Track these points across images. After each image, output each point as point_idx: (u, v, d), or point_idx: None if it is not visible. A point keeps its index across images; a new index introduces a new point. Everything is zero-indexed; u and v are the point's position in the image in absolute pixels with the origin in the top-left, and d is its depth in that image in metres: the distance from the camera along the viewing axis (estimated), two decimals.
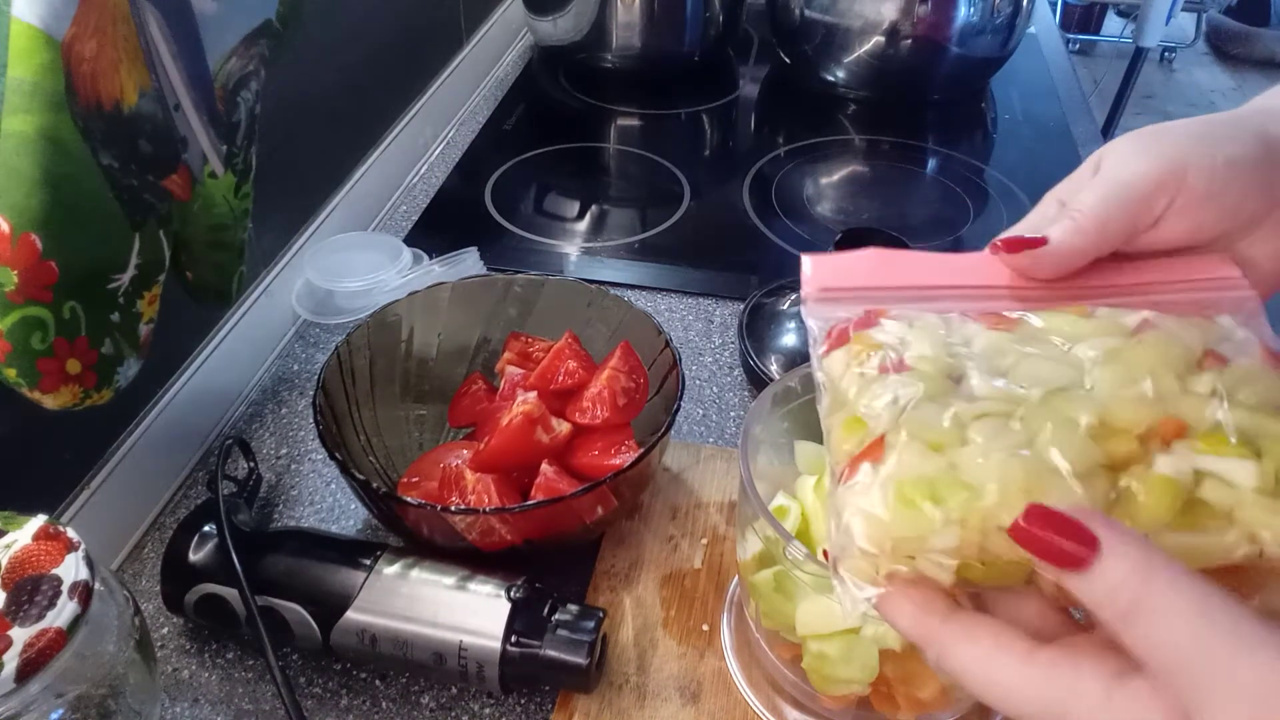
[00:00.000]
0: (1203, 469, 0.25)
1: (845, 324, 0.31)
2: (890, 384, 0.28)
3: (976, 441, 0.26)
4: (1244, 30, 3.55)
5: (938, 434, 0.27)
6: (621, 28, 1.06)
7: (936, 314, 0.31)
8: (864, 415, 0.28)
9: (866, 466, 0.27)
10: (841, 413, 0.29)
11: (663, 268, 0.80)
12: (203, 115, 0.45)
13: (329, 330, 0.72)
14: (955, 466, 0.26)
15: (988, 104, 1.10)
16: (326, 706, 0.48)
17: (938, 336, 0.30)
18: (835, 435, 0.29)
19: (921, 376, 0.28)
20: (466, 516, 0.46)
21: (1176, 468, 0.25)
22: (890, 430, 0.27)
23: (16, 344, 0.38)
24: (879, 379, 0.29)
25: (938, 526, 0.25)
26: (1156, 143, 0.31)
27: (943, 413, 0.27)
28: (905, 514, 0.26)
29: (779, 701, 0.47)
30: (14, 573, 0.35)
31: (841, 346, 0.31)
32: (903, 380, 0.28)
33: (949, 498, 0.25)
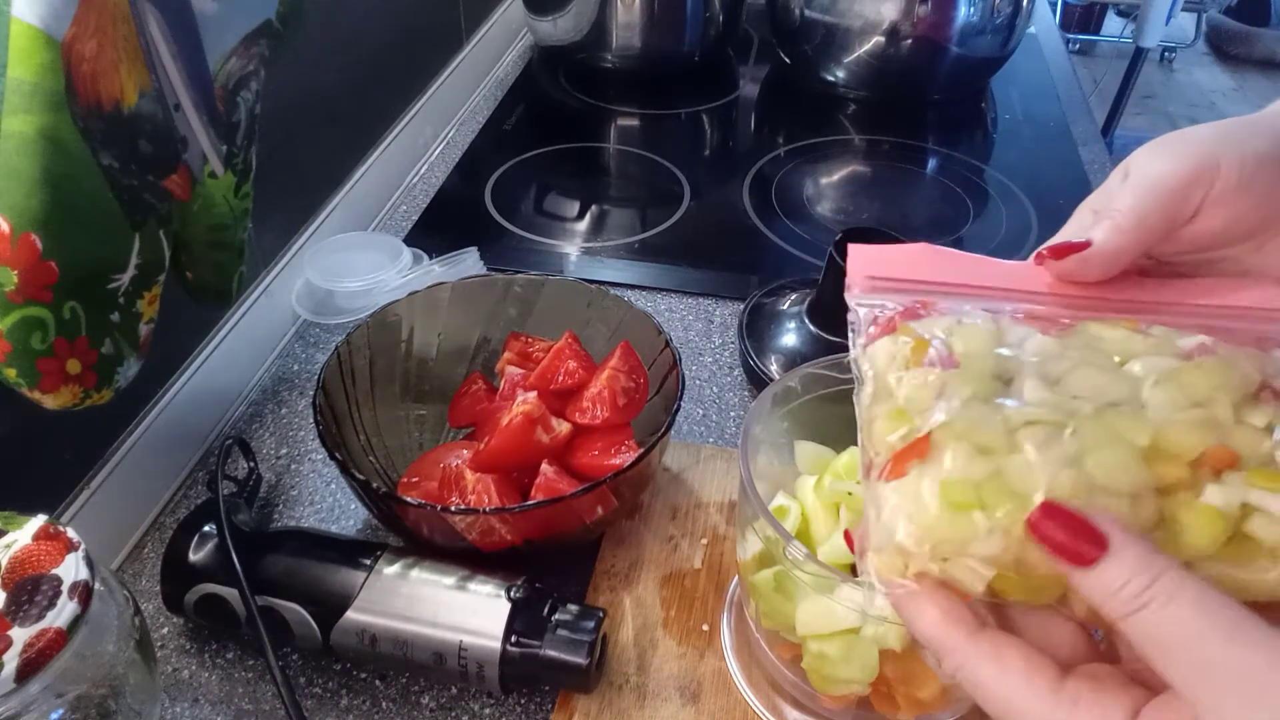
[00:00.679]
0: (1252, 503, 0.25)
1: (892, 313, 0.31)
2: (938, 380, 0.28)
3: (1026, 449, 0.26)
4: (1244, 30, 3.55)
5: (987, 437, 0.26)
6: (621, 28, 1.06)
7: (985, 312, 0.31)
8: (910, 410, 0.28)
9: (914, 464, 0.27)
10: (886, 404, 0.29)
11: (663, 268, 0.80)
12: (203, 115, 0.45)
13: (329, 330, 0.72)
14: (1003, 473, 0.26)
15: (988, 104, 1.10)
16: (326, 706, 0.48)
17: (987, 333, 0.30)
18: (878, 426, 0.28)
19: (971, 375, 0.28)
20: (466, 516, 0.46)
21: (1226, 499, 0.25)
22: (938, 429, 0.27)
23: (16, 344, 0.38)
24: (926, 373, 0.28)
25: (981, 533, 0.25)
26: (1182, 144, 0.32)
27: (993, 415, 0.27)
28: (950, 517, 0.25)
29: (779, 701, 0.47)
30: (14, 573, 0.35)
31: (887, 335, 0.30)
32: (952, 377, 0.28)
33: (996, 505, 0.25)
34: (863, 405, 0.30)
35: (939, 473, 0.26)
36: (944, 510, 0.26)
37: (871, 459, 0.28)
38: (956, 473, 0.26)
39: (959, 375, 0.28)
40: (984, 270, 0.33)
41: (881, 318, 0.31)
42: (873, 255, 0.33)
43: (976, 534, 0.25)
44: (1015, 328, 0.30)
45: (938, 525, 0.26)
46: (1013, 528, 0.25)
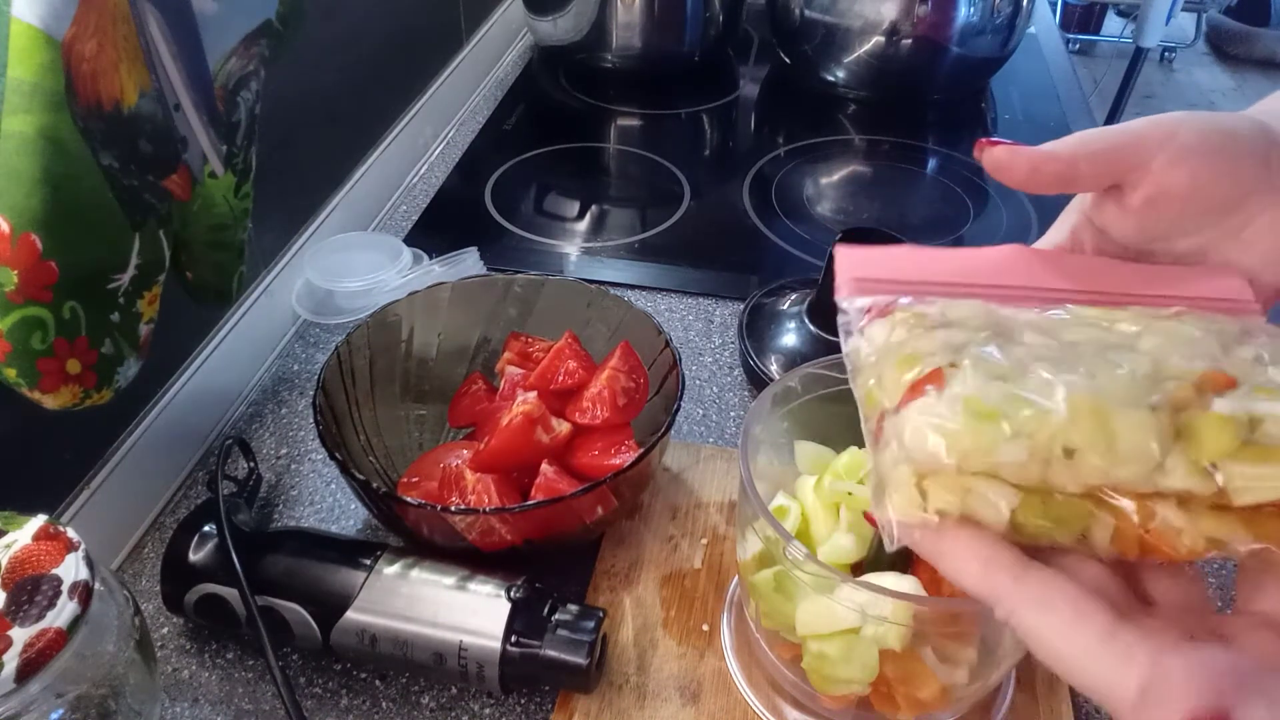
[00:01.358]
0: (1259, 413, 0.26)
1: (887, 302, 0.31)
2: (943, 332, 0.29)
3: (1040, 373, 0.27)
4: (1244, 30, 3.55)
5: (1000, 368, 0.27)
6: (621, 28, 1.06)
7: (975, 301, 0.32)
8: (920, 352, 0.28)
9: (931, 388, 0.27)
10: (892, 356, 0.29)
11: (663, 268, 0.80)
12: (203, 115, 0.45)
13: (329, 330, 0.72)
14: (1021, 391, 0.26)
15: (988, 104, 1.10)
16: (326, 706, 0.48)
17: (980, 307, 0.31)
18: (889, 374, 0.29)
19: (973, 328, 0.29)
20: (466, 516, 0.46)
21: (1233, 408, 0.26)
22: (949, 365, 0.27)
23: (16, 344, 0.38)
24: (931, 327, 0.29)
25: (1007, 437, 0.25)
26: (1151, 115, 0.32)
27: (1000, 353, 0.27)
28: (975, 425, 0.26)
29: (779, 701, 0.47)
30: (14, 573, 0.35)
31: (884, 317, 0.31)
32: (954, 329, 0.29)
33: (1019, 411, 0.25)
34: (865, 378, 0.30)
35: (960, 389, 0.26)
36: (968, 420, 0.26)
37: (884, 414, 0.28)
38: (976, 389, 0.26)
39: (961, 328, 0.29)
40: (970, 266, 0.34)
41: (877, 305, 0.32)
42: (859, 258, 0.34)
43: (1004, 438, 0.25)
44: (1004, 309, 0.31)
45: (964, 434, 0.26)
46: (1037, 433, 0.25)
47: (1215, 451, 0.25)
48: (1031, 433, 0.25)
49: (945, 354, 0.28)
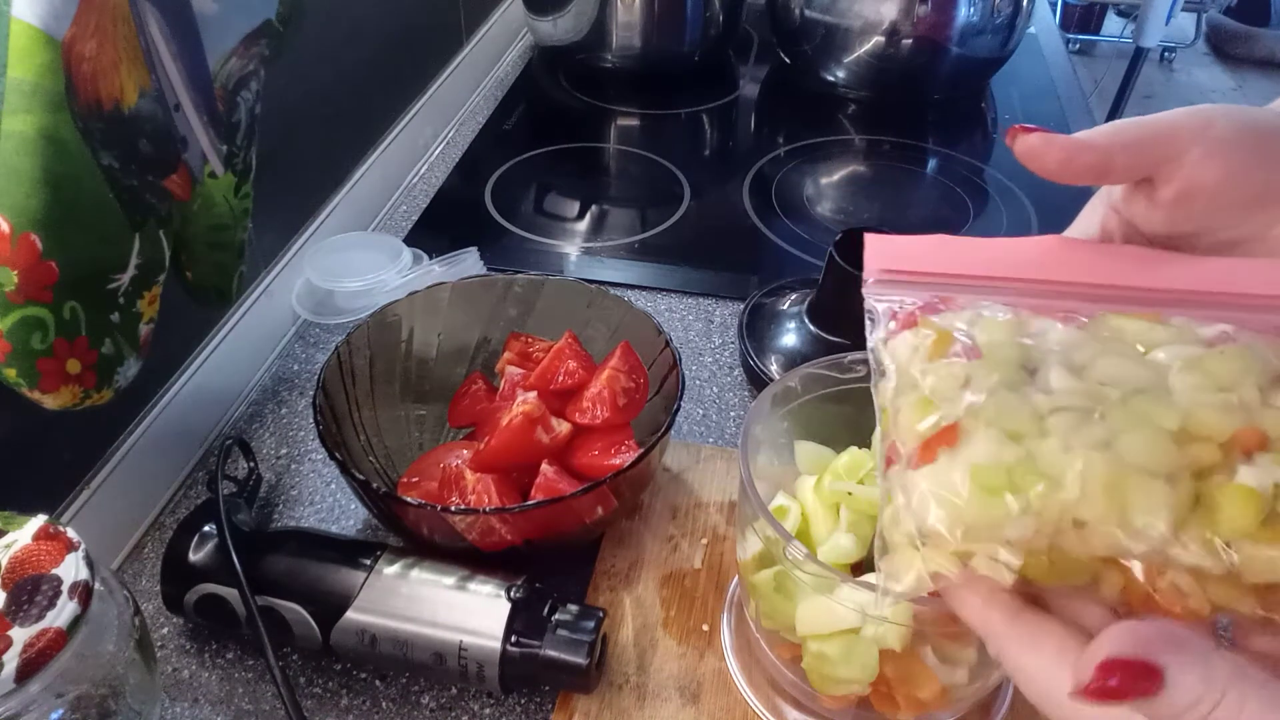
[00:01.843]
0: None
1: (912, 308, 0.31)
2: (964, 369, 0.28)
3: (1057, 434, 0.26)
4: (1244, 30, 3.55)
5: (1016, 423, 0.26)
6: (621, 28, 1.06)
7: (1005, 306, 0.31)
8: (937, 399, 0.28)
9: (943, 450, 0.27)
10: (911, 395, 0.29)
11: (663, 268, 0.80)
12: (203, 115, 0.45)
13: (329, 330, 0.72)
14: (1034, 456, 0.26)
15: (988, 104, 1.10)
16: (326, 706, 0.48)
17: (1009, 325, 0.30)
18: (905, 416, 0.28)
19: (997, 363, 0.28)
20: (466, 516, 0.46)
21: (1260, 479, 0.25)
22: (967, 415, 0.27)
23: (16, 344, 0.38)
24: (951, 363, 0.28)
25: (1014, 515, 0.25)
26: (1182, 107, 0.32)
27: (1021, 402, 0.27)
28: (982, 500, 0.25)
29: (779, 701, 0.47)
30: (14, 573, 0.35)
31: (908, 330, 0.30)
32: (977, 367, 0.28)
33: (1028, 487, 0.25)
34: (885, 396, 0.30)
35: (970, 457, 0.26)
36: (976, 494, 0.25)
37: (897, 448, 0.28)
38: (987, 457, 0.26)
39: (984, 364, 0.28)
40: (1003, 257, 0.33)
41: (901, 313, 0.31)
42: (888, 246, 0.33)
43: (1009, 517, 0.25)
44: (1036, 320, 0.30)
45: (969, 509, 0.25)
46: (1046, 510, 0.25)
47: (1233, 530, 0.25)
48: (1040, 510, 0.25)
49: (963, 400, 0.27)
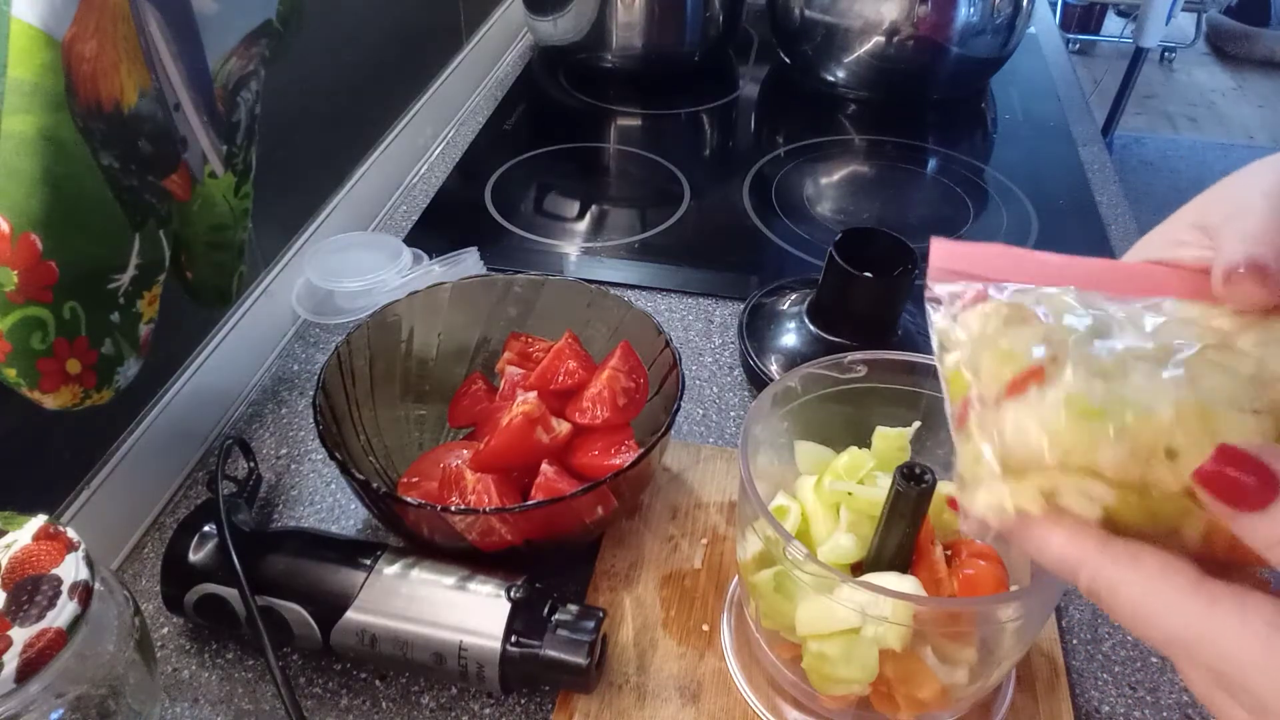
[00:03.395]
0: None
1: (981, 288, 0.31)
2: (1042, 328, 0.29)
3: (1141, 374, 0.26)
4: (1244, 30, 3.55)
5: (1100, 364, 0.27)
6: (621, 28, 1.06)
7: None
8: (1019, 349, 0.28)
9: (1033, 385, 0.27)
10: (989, 348, 0.29)
11: (663, 268, 0.80)
12: (203, 115, 0.45)
13: (329, 330, 0.72)
14: (1124, 391, 0.26)
15: (988, 104, 1.10)
16: (326, 706, 0.48)
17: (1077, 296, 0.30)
18: (988, 366, 0.29)
19: (1070, 326, 0.29)
20: (466, 516, 0.46)
21: None
22: (1050, 360, 0.27)
23: (17, 344, 0.38)
24: (1029, 322, 0.29)
25: (1110, 438, 0.25)
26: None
27: (1102, 347, 0.27)
28: (1079, 424, 0.26)
29: (779, 701, 0.47)
30: (14, 573, 0.35)
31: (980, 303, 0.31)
32: (1053, 327, 0.29)
33: (1121, 413, 0.25)
34: (955, 362, 0.30)
35: (1062, 388, 0.26)
36: (1071, 419, 0.26)
37: (973, 401, 0.29)
38: (1079, 388, 0.26)
39: (1059, 326, 0.29)
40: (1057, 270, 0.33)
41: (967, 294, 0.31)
42: (952, 248, 0.33)
43: (1105, 439, 0.25)
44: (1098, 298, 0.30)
45: (1066, 433, 0.26)
46: (1141, 434, 0.25)
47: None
48: (1135, 434, 0.25)
49: (1046, 349, 0.28)
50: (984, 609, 0.41)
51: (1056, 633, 0.51)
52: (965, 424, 0.29)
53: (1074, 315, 0.29)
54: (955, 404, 0.30)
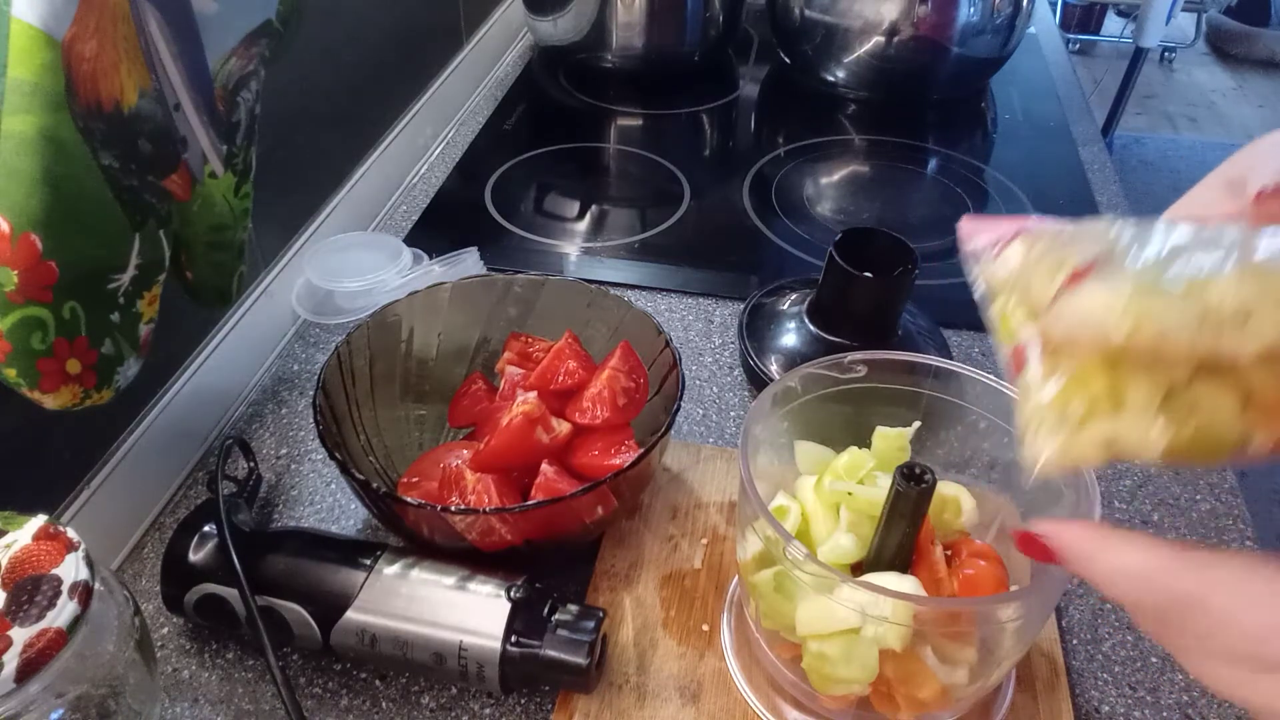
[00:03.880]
0: None
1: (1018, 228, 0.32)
2: (1087, 236, 0.29)
3: (1199, 253, 0.26)
4: (1244, 30, 3.55)
5: (1157, 253, 0.27)
6: (621, 28, 1.06)
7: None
8: (1067, 257, 0.28)
9: (1091, 275, 0.27)
10: (1037, 266, 0.29)
11: (663, 268, 0.80)
12: (203, 115, 0.45)
13: (329, 330, 0.72)
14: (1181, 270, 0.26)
15: (988, 104, 1.10)
16: (326, 706, 0.48)
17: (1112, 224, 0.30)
18: (1038, 279, 0.29)
19: (1116, 234, 0.29)
20: (466, 516, 0.46)
21: None
22: (1105, 257, 0.28)
23: (17, 344, 0.38)
24: (1073, 238, 0.29)
25: (1179, 298, 0.25)
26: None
27: (1153, 245, 0.27)
28: (1144, 295, 0.26)
29: (779, 701, 0.47)
30: (14, 573, 0.35)
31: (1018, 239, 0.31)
32: (1099, 234, 0.29)
33: (1188, 277, 0.26)
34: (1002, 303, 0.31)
35: (1122, 270, 0.27)
36: (1136, 291, 0.26)
37: (1034, 304, 0.29)
38: (1140, 267, 0.26)
39: (1104, 236, 0.29)
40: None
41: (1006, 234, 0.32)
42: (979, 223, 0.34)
43: (1173, 306, 0.25)
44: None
45: (1132, 304, 0.26)
46: (1207, 293, 0.25)
47: None
48: (1201, 294, 0.25)
49: (1097, 250, 0.28)
50: (984, 609, 0.41)
51: (1056, 633, 0.51)
52: (1021, 371, 0.29)
53: (1115, 229, 0.29)
54: (1006, 349, 0.30)
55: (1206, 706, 0.48)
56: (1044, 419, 0.28)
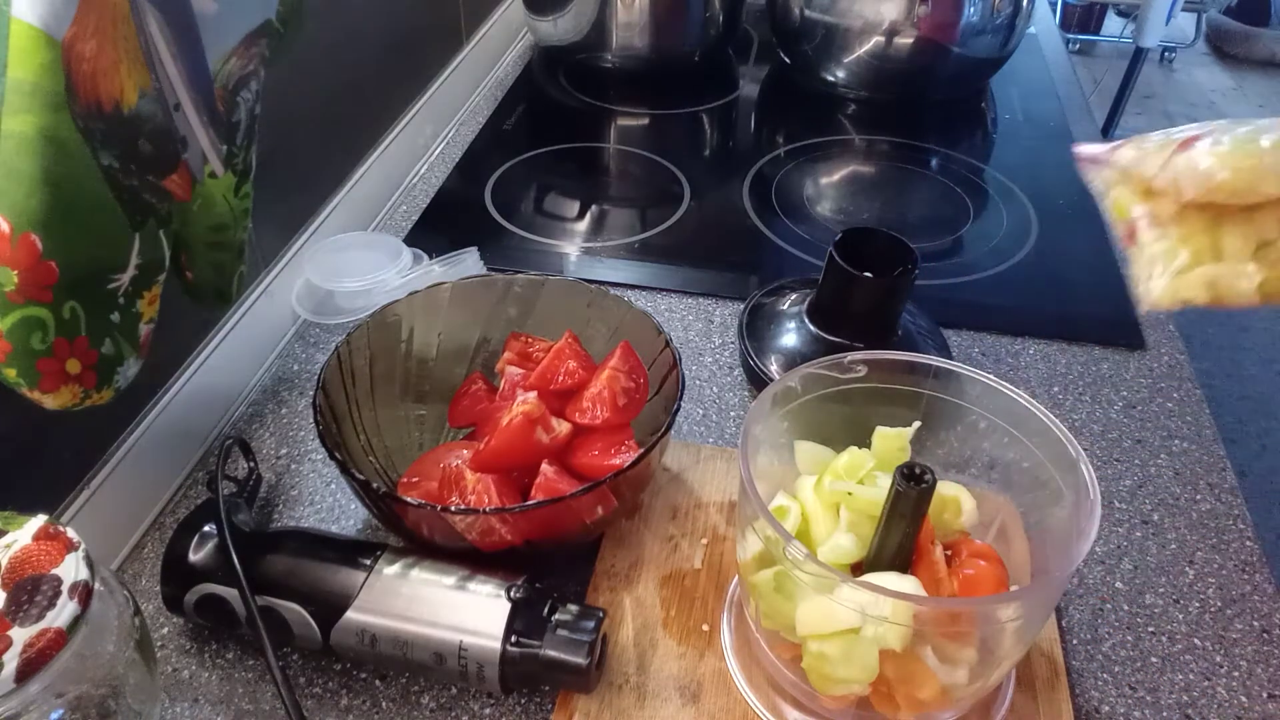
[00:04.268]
0: None
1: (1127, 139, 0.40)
2: (1193, 125, 0.37)
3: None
4: (1244, 30, 3.55)
5: (1255, 126, 0.34)
6: (621, 28, 1.06)
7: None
8: (1174, 135, 0.36)
9: (1198, 140, 0.35)
10: (1149, 150, 0.37)
11: (663, 268, 0.80)
12: (203, 115, 0.45)
13: (329, 330, 0.72)
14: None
15: (988, 104, 1.10)
16: (326, 706, 0.48)
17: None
18: (1151, 158, 0.37)
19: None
20: (466, 516, 0.46)
21: None
22: (1208, 132, 0.35)
23: (17, 344, 0.38)
24: (1177, 132, 0.37)
25: (1270, 155, 0.33)
26: None
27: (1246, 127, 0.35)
28: (1244, 144, 0.33)
29: (779, 701, 0.47)
30: (14, 573, 0.35)
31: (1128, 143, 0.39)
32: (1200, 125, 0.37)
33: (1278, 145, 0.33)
34: (1117, 192, 0.39)
35: (1224, 137, 0.34)
36: (1237, 143, 0.34)
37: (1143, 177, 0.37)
38: (1239, 132, 0.34)
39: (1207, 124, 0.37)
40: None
41: (1118, 143, 0.40)
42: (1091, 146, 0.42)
43: (1265, 155, 0.33)
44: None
45: (1234, 152, 0.34)
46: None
47: None
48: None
49: (1201, 130, 0.36)
50: (984, 609, 0.41)
51: (1056, 633, 0.51)
52: (1135, 238, 0.38)
53: (1215, 123, 0.36)
54: (1121, 228, 0.39)
55: (1206, 706, 0.48)
56: (1154, 268, 0.36)
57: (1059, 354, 0.71)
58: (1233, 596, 0.53)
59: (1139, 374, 0.69)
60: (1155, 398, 0.67)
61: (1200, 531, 0.57)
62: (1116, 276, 0.78)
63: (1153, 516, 0.58)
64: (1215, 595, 0.53)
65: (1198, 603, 0.53)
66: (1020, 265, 0.81)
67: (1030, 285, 0.79)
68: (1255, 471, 1.85)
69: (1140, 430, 0.64)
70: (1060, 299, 0.77)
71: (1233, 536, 0.57)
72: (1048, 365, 0.70)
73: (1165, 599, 0.53)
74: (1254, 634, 0.51)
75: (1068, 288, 0.78)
